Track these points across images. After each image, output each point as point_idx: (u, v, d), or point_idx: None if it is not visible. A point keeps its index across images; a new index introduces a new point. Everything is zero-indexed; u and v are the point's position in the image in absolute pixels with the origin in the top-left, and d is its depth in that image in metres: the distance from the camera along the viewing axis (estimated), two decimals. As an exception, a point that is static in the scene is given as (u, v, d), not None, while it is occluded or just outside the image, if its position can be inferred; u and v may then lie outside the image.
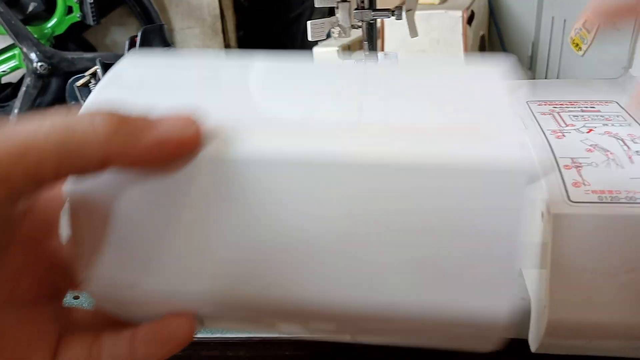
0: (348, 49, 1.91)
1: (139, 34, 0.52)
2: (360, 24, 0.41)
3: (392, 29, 1.56)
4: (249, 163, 0.21)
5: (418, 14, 1.56)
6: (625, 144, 0.32)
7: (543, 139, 0.33)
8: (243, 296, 0.23)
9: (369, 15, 0.39)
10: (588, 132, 0.34)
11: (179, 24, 2.00)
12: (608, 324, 0.29)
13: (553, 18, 1.67)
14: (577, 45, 1.64)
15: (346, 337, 0.28)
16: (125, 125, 0.20)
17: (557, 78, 1.70)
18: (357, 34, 1.59)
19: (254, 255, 0.22)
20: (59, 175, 0.20)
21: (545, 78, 1.74)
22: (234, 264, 0.22)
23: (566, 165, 0.31)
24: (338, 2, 0.40)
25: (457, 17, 1.44)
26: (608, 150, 0.32)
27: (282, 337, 0.37)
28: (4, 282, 0.22)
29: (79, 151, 0.19)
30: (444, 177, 0.20)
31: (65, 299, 0.26)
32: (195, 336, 0.26)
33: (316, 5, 0.42)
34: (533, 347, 0.32)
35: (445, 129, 0.21)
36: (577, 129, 0.34)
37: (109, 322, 0.25)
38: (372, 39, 0.42)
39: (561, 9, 1.64)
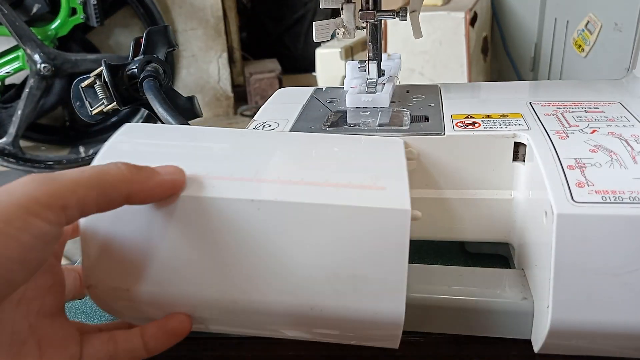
0: (350, 50, 1.90)
1: (144, 35, 0.52)
2: (364, 25, 0.41)
3: (395, 30, 1.57)
4: (213, 201, 0.29)
5: (421, 15, 1.56)
6: (629, 145, 0.32)
7: (547, 140, 0.33)
8: (208, 300, 0.30)
9: (373, 16, 0.40)
10: (592, 133, 0.34)
11: (182, 25, 2.01)
12: (611, 324, 0.29)
13: (556, 19, 1.67)
14: (579, 46, 1.66)
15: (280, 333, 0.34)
16: (140, 171, 0.28)
17: (560, 79, 1.70)
18: (359, 35, 1.59)
19: (217, 267, 0.30)
20: (98, 208, 0.27)
21: (548, 79, 1.74)
22: (205, 273, 0.30)
23: (570, 166, 0.31)
24: (343, 3, 0.40)
25: (459, 18, 1.44)
26: (612, 151, 0.32)
27: (283, 337, 0.37)
28: (36, 298, 0.29)
29: (112, 189, 0.27)
30: (352, 214, 0.29)
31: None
32: (196, 336, 0.28)
33: (321, 7, 0.42)
34: (536, 347, 0.32)
35: (354, 184, 0.30)
36: (581, 130, 0.34)
37: (118, 324, 0.33)
38: (376, 40, 0.42)
39: (564, 10, 1.64)
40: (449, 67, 1.51)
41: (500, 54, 1.89)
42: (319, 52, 1.70)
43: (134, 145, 0.34)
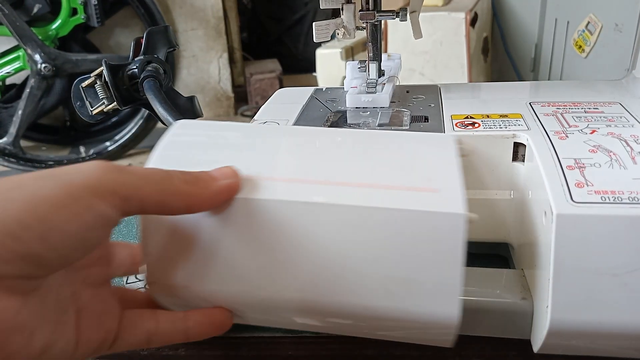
0: (351, 50, 1.90)
1: (144, 36, 0.52)
2: (364, 25, 0.41)
3: (395, 30, 1.57)
4: (267, 203, 0.30)
5: (421, 16, 1.56)
6: (629, 145, 0.32)
7: (546, 140, 0.33)
8: (263, 298, 0.31)
9: (373, 16, 0.40)
10: (591, 133, 0.34)
11: (183, 25, 2.01)
12: (610, 324, 0.29)
13: (556, 20, 1.67)
14: (580, 47, 1.66)
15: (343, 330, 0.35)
16: (198, 181, 0.29)
17: (560, 80, 1.70)
18: (359, 35, 1.59)
19: (273, 267, 0.30)
20: (156, 211, 0.28)
21: (548, 80, 1.74)
22: (261, 273, 0.31)
23: (569, 166, 0.31)
24: (343, 3, 0.40)
25: (460, 18, 1.44)
26: (611, 151, 0.32)
27: (284, 336, 0.37)
28: (82, 267, 0.30)
29: (172, 198, 0.28)
30: (404, 217, 0.29)
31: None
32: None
33: (321, 7, 0.42)
34: (535, 347, 0.32)
35: (407, 186, 0.30)
36: (581, 130, 0.34)
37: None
38: (376, 41, 0.42)
39: (564, 11, 1.64)
40: (449, 68, 1.51)
41: (500, 54, 1.89)
42: (319, 52, 1.70)
43: (188, 143, 0.34)
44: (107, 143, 1.85)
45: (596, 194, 0.29)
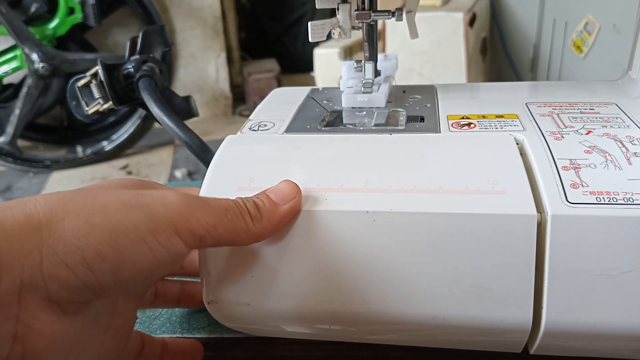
0: (349, 50, 1.90)
1: (140, 35, 0.52)
2: (360, 25, 0.41)
3: (394, 30, 1.56)
4: (328, 214, 0.30)
5: (419, 16, 1.56)
6: (624, 146, 0.32)
7: (542, 141, 0.33)
8: (328, 312, 0.31)
9: (369, 16, 0.39)
10: (587, 134, 0.34)
11: (180, 25, 2.01)
12: (606, 325, 0.29)
13: (554, 20, 1.67)
14: (578, 47, 1.66)
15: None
16: (265, 214, 0.29)
17: (559, 80, 1.70)
18: (357, 35, 1.59)
19: (336, 280, 0.31)
20: (226, 244, 0.29)
21: (547, 80, 1.74)
22: (325, 286, 0.31)
23: (564, 167, 0.31)
24: (339, 3, 0.40)
25: (458, 19, 1.44)
26: (606, 152, 0.32)
27: (277, 338, 0.37)
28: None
29: (244, 236, 0.28)
30: (472, 222, 0.29)
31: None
32: (193, 336, 0.30)
33: (317, 7, 0.42)
34: (531, 348, 0.32)
35: (471, 189, 0.30)
36: (576, 131, 0.34)
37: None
38: (372, 41, 0.42)
39: (563, 11, 1.64)
40: (447, 68, 1.51)
41: (499, 54, 1.89)
42: (317, 52, 1.70)
43: (241, 159, 0.35)
44: (105, 143, 1.84)
45: (591, 195, 0.29)
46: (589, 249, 0.28)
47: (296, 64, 2.41)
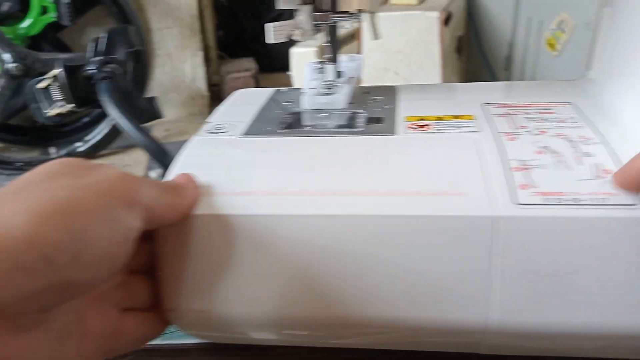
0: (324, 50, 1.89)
1: (105, 36, 0.51)
2: (321, 26, 0.41)
3: (370, 28, 1.56)
4: (288, 218, 0.30)
5: (395, 15, 1.56)
6: (575, 146, 0.33)
7: (495, 142, 0.33)
8: (289, 317, 0.31)
9: (330, 17, 0.39)
10: (540, 134, 0.34)
11: (157, 24, 1.98)
12: (553, 324, 0.29)
13: (529, 19, 1.69)
14: (552, 45, 1.68)
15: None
16: (180, 191, 0.29)
17: (534, 78, 1.72)
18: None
19: (299, 284, 0.31)
20: (156, 225, 0.28)
21: (522, 78, 1.76)
22: (288, 291, 0.31)
23: (515, 168, 0.31)
24: (299, 4, 0.40)
25: (433, 18, 1.44)
26: (558, 152, 0.32)
27: (235, 344, 0.36)
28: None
29: (169, 213, 0.28)
30: (431, 224, 0.29)
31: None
32: (148, 344, 0.30)
33: (277, 8, 0.42)
34: (483, 348, 0.32)
35: (431, 191, 0.30)
36: (530, 131, 0.35)
37: None
38: (333, 42, 0.42)
39: (537, 10, 1.65)
40: (423, 67, 1.51)
41: (475, 53, 1.91)
42: (293, 51, 1.69)
43: (198, 164, 0.35)
44: (78, 143, 1.81)
45: (539, 196, 0.29)
46: (536, 249, 0.29)
47: (274, 63, 2.39)
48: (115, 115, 0.41)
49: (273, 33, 0.40)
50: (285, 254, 0.30)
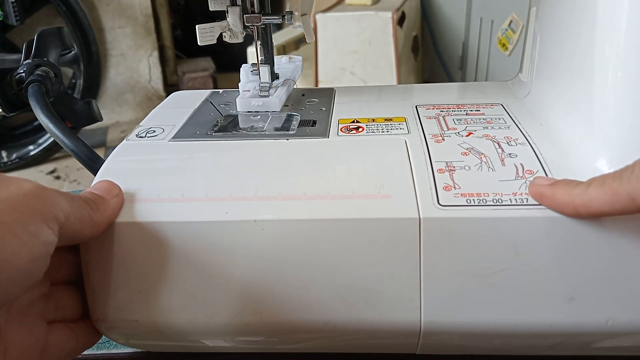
0: (283, 49, 1.89)
1: (35, 37, 0.50)
2: (252, 28, 0.40)
3: (324, 29, 1.57)
4: (215, 225, 0.30)
5: (350, 15, 1.57)
6: (500, 147, 0.33)
7: (422, 144, 0.34)
8: (219, 324, 0.31)
9: (259, 19, 0.39)
10: (467, 136, 0.35)
11: (110, 23, 1.94)
12: (481, 323, 0.30)
13: (481, 19, 1.72)
14: (503, 45, 1.71)
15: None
16: (100, 205, 0.29)
17: (486, 77, 1.75)
18: (293, 33, 1.58)
19: (227, 291, 0.30)
20: (71, 241, 0.27)
21: (475, 78, 1.79)
22: (215, 298, 0.30)
23: (440, 169, 0.31)
24: (228, 5, 0.39)
25: (387, 18, 1.46)
26: (483, 153, 0.32)
27: (167, 352, 0.36)
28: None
29: (86, 230, 0.27)
30: (358, 227, 0.29)
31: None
32: (82, 354, 0.29)
33: (210, 9, 0.41)
34: (416, 349, 0.32)
35: (358, 194, 0.30)
36: (457, 133, 0.35)
37: None
38: (266, 44, 0.41)
39: (489, 10, 1.69)
40: (378, 67, 1.53)
41: (430, 53, 1.93)
42: (250, 50, 1.68)
43: (127, 169, 0.34)
44: (31, 147, 1.77)
45: (462, 197, 0.29)
46: (461, 250, 0.29)
47: (232, 63, 2.38)
48: (43, 120, 0.40)
49: (200, 35, 0.39)
50: (211, 261, 0.30)
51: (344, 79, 1.57)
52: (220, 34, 0.41)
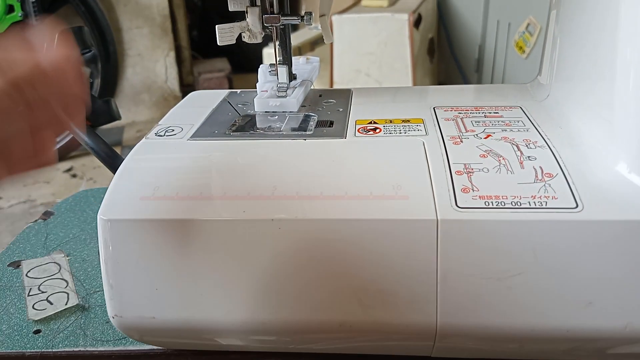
0: (298, 50, 1.89)
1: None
2: (270, 28, 0.41)
3: (340, 31, 1.57)
4: (232, 223, 0.30)
5: (366, 17, 1.57)
6: (519, 150, 0.33)
7: (440, 145, 0.34)
8: (235, 322, 0.31)
9: (278, 20, 0.39)
10: (485, 138, 0.34)
11: (127, 23, 1.96)
12: (497, 327, 0.30)
13: (498, 22, 1.71)
14: (520, 48, 1.69)
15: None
16: None
17: (503, 80, 1.74)
18: (308, 34, 1.58)
19: (243, 289, 0.31)
20: None
21: (492, 80, 1.78)
22: (231, 296, 0.31)
23: (458, 171, 0.31)
24: (247, 6, 0.39)
25: (403, 20, 1.46)
26: (501, 156, 0.32)
27: (185, 350, 0.36)
28: None
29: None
30: (375, 227, 0.29)
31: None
32: (98, 349, 0.29)
33: (230, 10, 0.41)
34: (431, 351, 0.32)
35: (375, 194, 0.30)
36: (476, 135, 0.35)
37: None
38: (285, 44, 0.42)
39: (506, 13, 1.68)
40: (394, 69, 1.52)
41: (446, 55, 1.92)
42: (266, 51, 1.69)
43: (146, 168, 0.34)
44: (48, 144, 1.78)
45: (480, 199, 0.29)
46: (478, 252, 0.29)
47: (247, 63, 2.39)
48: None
49: (220, 35, 0.39)
50: (229, 259, 0.30)
51: (359, 81, 1.57)
52: (240, 34, 0.41)
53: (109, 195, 0.32)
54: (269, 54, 1.71)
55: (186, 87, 2.19)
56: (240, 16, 0.41)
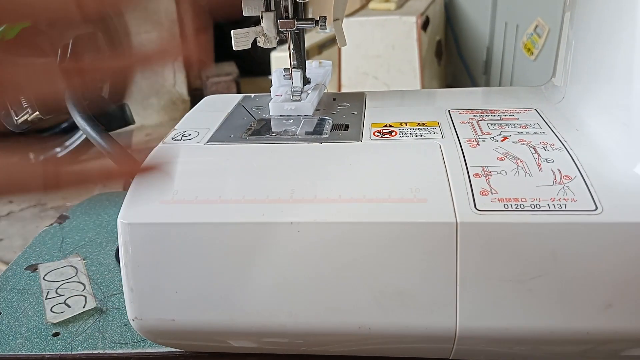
0: (306, 54, 1.88)
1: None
2: (285, 33, 0.41)
3: (348, 34, 1.57)
4: (251, 226, 0.30)
5: (374, 20, 1.56)
6: (537, 152, 0.33)
7: (457, 148, 0.34)
8: (254, 325, 0.31)
9: (293, 24, 0.39)
10: (502, 141, 0.34)
11: (136, 28, 1.97)
12: (517, 329, 0.30)
13: (506, 24, 1.71)
14: (529, 49, 1.69)
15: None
16: None
17: (511, 82, 1.73)
18: (316, 38, 1.57)
19: (263, 292, 0.31)
20: None
21: (500, 83, 1.77)
22: (251, 299, 0.31)
23: (476, 174, 0.31)
24: (262, 11, 0.40)
25: (411, 22, 1.46)
26: (519, 158, 0.32)
27: (204, 353, 0.36)
28: None
29: None
30: (393, 230, 0.29)
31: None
32: (116, 352, 0.29)
33: (244, 15, 0.41)
34: (450, 354, 0.32)
35: (393, 198, 0.30)
36: (492, 137, 0.35)
37: None
38: (299, 49, 0.42)
39: (514, 14, 1.67)
40: (402, 71, 1.52)
41: (454, 57, 1.92)
42: (274, 55, 1.69)
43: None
44: (58, 149, 1.80)
45: (499, 202, 0.29)
46: (498, 255, 0.29)
47: (255, 67, 2.39)
48: (81, 123, 0.40)
49: (235, 40, 0.40)
50: (247, 262, 0.30)
51: (367, 84, 1.57)
52: (254, 39, 0.41)
53: (128, 199, 0.32)
54: (277, 58, 1.72)
55: (194, 91, 2.20)
56: (248, 21, 0.42)
